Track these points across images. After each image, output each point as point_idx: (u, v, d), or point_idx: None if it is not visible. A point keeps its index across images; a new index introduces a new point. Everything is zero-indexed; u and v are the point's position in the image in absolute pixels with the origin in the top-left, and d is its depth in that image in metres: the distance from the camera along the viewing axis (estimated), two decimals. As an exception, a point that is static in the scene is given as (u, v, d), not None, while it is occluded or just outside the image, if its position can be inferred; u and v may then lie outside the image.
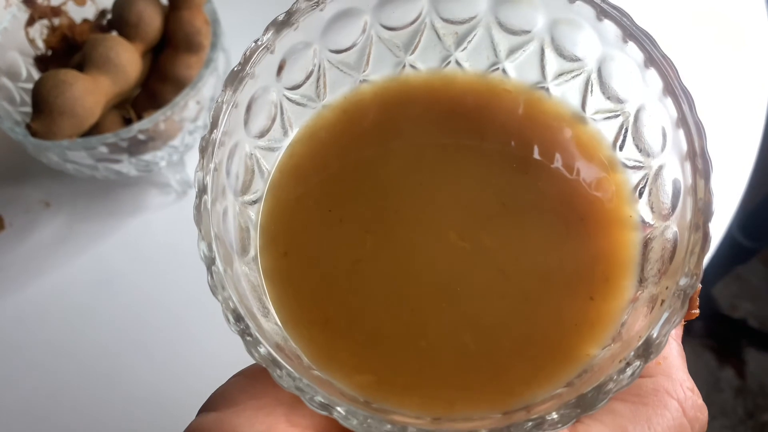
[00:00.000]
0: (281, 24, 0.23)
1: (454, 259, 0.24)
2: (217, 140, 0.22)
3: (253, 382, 0.22)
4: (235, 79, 0.22)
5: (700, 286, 0.21)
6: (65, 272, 0.48)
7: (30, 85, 0.45)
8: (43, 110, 0.39)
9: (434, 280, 0.24)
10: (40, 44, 0.48)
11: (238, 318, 0.20)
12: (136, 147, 0.43)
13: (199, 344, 0.44)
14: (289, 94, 0.25)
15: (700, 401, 0.22)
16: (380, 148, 0.26)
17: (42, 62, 0.48)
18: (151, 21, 0.45)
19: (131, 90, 0.46)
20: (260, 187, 0.25)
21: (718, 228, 0.49)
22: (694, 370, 0.24)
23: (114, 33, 0.46)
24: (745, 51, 0.57)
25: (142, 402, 0.44)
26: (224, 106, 0.22)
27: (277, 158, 0.25)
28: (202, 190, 0.21)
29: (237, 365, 0.23)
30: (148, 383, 0.44)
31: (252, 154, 0.24)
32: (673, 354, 0.23)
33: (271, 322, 0.23)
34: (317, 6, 0.23)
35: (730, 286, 1.11)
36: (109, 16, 0.48)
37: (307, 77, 0.25)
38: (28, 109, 0.45)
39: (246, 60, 0.23)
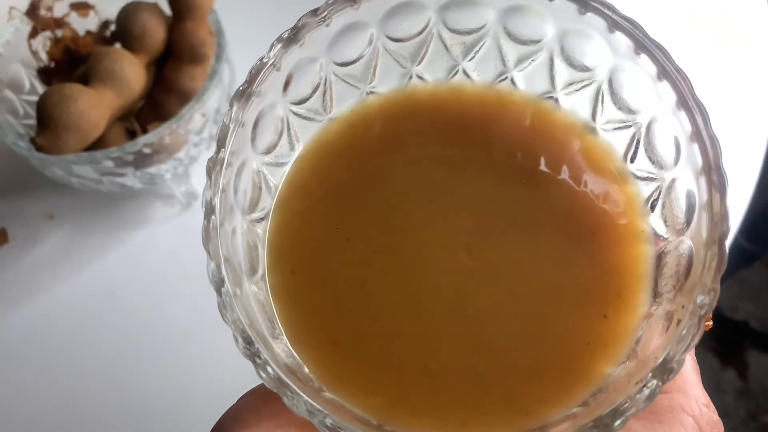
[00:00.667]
0: (287, 41, 0.23)
1: (463, 278, 0.24)
2: (225, 160, 0.22)
3: (266, 402, 0.22)
4: (241, 97, 0.22)
5: None
6: (70, 285, 0.48)
7: (33, 98, 0.45)
8: (48, 125, 0.39)
9: (443, 301, 0.23)
10: (44, 56, 0.47)
11: (248, 341, 0.20)
12: (141, 160, 0.43)
13: (206, 355, 0.44)
14: (295, 108, 0.25)
15: (715, 417, 0.22)
16: (387, 163, 0.26)
17: (45, 74, 0.47)
18: (155, 33, 0.45)
19: (135, 102, 0.46)
20: (268, 204, 0.25)
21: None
22: None
23: (117, 45, 0.46)
24: (747, 50, 0.57)
25: (150, 414, 0.44)
26: (231, 126, 0.22)
27: (284, 173, 0.25)
28: (210, 211, 0.21)
29: (245, 377, 0.22)
30: (156, 396, 0.44)
31: (259, 171, 0.24)
32: (688, 369, 0.23)
33: (281, 343, 0.22)
34: (323, 22, 0.23)
35: (731, 288, 1.11)
36: (112, 28, 0.48)
37: (314, 91, 0.25)
38: (32, 121, 0.45)
39: (252, 78, 0.22)
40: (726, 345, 1.09)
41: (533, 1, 0.23)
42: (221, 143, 0.22)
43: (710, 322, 0.22)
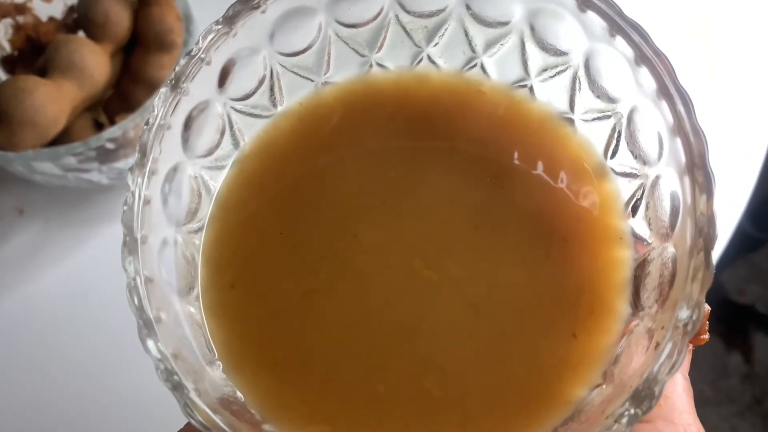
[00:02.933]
0: (217, 32, 0.21)
1: (419, 291, 0.21)
2: (147, 168, 0.20)
3: None
4: (165, 98, 0.20)
5: (709, 309, 0.19)
6: (40, 282, 0.46)
7: (-4, 89, 0.43)
8: (2, 120, 0.37)
9: (395, 316, 0.21)
10: (6, 44, 0.45)
11: (170, 374, 0.18)
12: (105, 155, 0.41)
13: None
14: (237, 105, 0.23)
15: None
16: (339, 161, 0.24)
17: (9, 64, 0.45)
18: (119, 20, 0.42)
19: (101, 93, 0.44)
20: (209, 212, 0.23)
21: (730, 220, 0.47)
22: (700, 356, 0.22)
23: (81, 33, 0.44)
24: (750, 39, 0.54)
25: (118, 419, 0.42)
26: (153, 130, 0.20)
27: (223, 177, 0.23)
28: (129, 228, 0.19)
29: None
30: (124, 399, 0.43)
31: (198, 177, 0.22)
32: (677, 392, 0.20)
33: (218, 370, 0.21)
34: (258, 8, 0.21)
35: (738, 270, 1.09)
36: (76, 15, 0.46)
37: (259, 85, 0.23)
38: (-5, 114, 0.43)
39: (177, 75, 0.20)
40: (731, 328, 1.07)
41: None
42: (142, 149, 0.20)
43: (707, 335, 0.20)
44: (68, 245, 0.47)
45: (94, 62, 0.41)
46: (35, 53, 0.45)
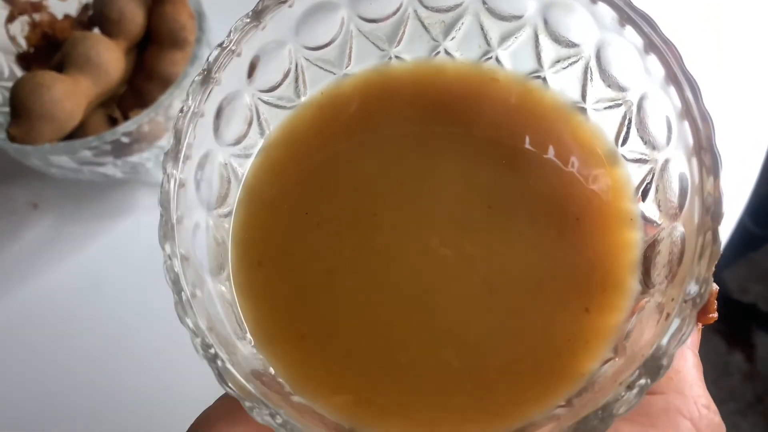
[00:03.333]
0: (247, 24, 0.22)
1: (436, 268, 0.22)
2: (182, 153, 0.21)
3: (236, 406, 0.21)
4: (199, 86, 0.21)
5: (717, 288, 0.20)
6: (53, 275, 0.47)
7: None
8: (21, 115, 0.38)
9: (414, 291, 0.22)
10: (22, 42, 0.46)
11: (207, 347, 0.19)
12: (120, 149, 0.41)
13: (189, 350, 0.43)
14: (264, 96, 0.24)
15: (717, 419, 0.21)
16: (358, 145, 0.25)
17: (25, 60, 0.46)
18: (134, 17, 0.43)
19: (116, 89, 0.45)
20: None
21: (731, 217, 0.48)
22: (702, 354, 0.23)
23: (96, 30, 0.45)
24: (754, 35, 0.55)
25: (129, 411, 0.43)
26: (188, 116, 0.21)
27: (250, 163, 0.24)
28: (165, 208, 0.20)
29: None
30: (135, 391, 0.43)
31: (227, 164, 0.23)
32: (688, 367, 0.21)
33: (247, 345, 0.22)
34: (285, 2, 0.22)
35: (740, 269, 1.09)
36: (91, 12, 0.47)
37: (285, 77, 0.24)
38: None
39: (210, 65, 0.21)
40: (733, 327, 1.08)
41: None
42: (177, 135, 0.21)
43: (715, 314, 0.20)
44: (81, 238, 0.48)
45: (110, 58, 0.42)
46: (50, 50, 0.46)
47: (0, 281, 0.47)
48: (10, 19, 0.45)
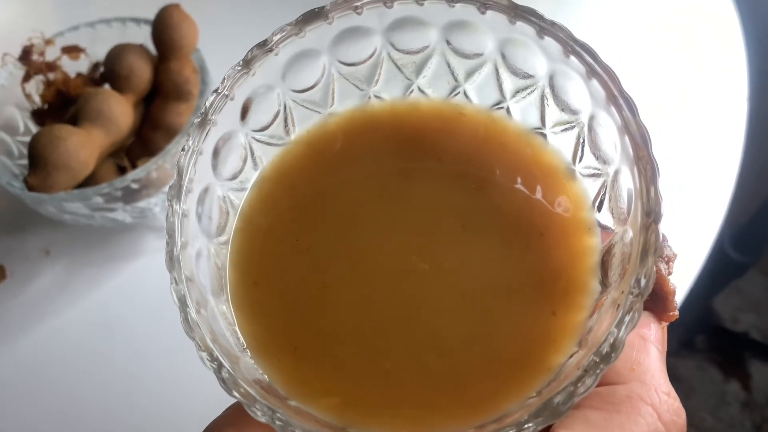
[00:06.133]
0: (238, 72, 0.24)
1: (416, 282, 0.25)
2: (184, 187, 0.23)
3: (241, 414, 0.23)
4: (197, 128, 0.24)
5: (674, 286, 0.22)
6: (66, 318, 0.49)
7: (28, 139, 0.47)
8: (38, 165, 0.41)
9: (397, 303, 0.25)
10: (37, 99, 0.50)
11: (212, 357, 0.21)
12: (130, 195, 0.44)
13: (199, 383, 0.45)
14: (257, 135, 0.26)
15: (677, 404, 0.22)
16: (344, 177, 0.27)
17: (39, 116, 0.50)
18: (141, 73, 0.47)
19: (125, 139, 0.48)
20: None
21: (705, 241, 0.50)
22: (699, 384, 0.25)
23: (106, 86, 0.48)
24: (722, 59, 0.58)
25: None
26: (189, 154, 0.23)
27: (245, 195, 0.27)
28: (171, 236, 0.22)
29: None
30: (151, 424, 0.45)
31: (225, 197, 0.26)
32: (650, 359, 0.23)
33: (247, 357, 0.24)
34: (270, 52, 0.25)
35: (731, 299, 1.11)
36: (102, 69, 0.50)
37: (275, 118, 0.27)
38: (26, 161, 0.47)
39: (206, 110, 0.24)
40: (728, 357, 1.09)
41: (468, 16, 0.25)
42: (180, 170, 0.23)
43: (675, 312, 0.23)
44: (92, 281, 0.51)
45: (120, 112, 0.45)
46: (63, 106, 0.50)
47: (16, 325, 0.49)
48: (27, 78, 0.49)
